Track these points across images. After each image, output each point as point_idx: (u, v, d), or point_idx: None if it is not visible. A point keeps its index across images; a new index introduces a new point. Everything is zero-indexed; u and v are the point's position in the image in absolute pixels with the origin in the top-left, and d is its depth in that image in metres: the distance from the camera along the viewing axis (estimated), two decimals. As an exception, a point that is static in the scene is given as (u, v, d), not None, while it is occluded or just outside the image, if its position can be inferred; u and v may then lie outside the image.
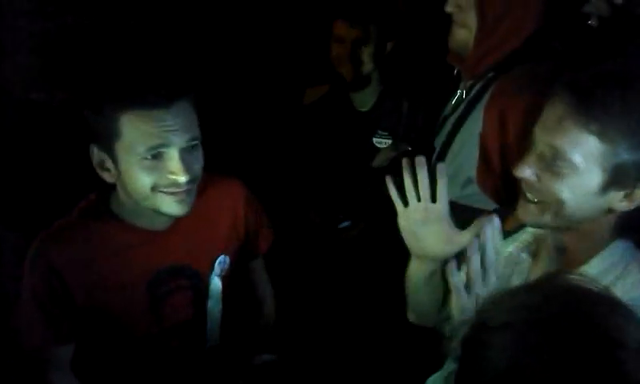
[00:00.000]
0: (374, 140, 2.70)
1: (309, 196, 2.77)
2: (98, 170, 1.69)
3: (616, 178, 1.31)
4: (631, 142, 1.29)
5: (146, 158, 1.60)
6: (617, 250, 1.41)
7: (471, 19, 1.98)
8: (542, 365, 0.98)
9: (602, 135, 1.28)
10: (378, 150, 2.69)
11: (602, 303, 1.06)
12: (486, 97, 1.97)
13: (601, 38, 2.09)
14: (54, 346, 1.80)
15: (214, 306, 1.88)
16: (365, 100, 2.72)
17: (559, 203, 1.35)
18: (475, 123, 1.97)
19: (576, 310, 1.03)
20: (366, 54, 2.61)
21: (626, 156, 1.29)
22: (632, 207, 1.34)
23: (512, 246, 1.54)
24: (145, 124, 1.58)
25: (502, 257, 1.51)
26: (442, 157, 2.09)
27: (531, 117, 1.48)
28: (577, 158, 1.30)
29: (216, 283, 1.86)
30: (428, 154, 2.16)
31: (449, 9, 2.02)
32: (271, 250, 2.07)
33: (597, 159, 1.30)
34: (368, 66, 2.63)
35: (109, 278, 1.74)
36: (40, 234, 1.77)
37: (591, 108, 1.28)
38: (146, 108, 1.57)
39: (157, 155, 1.60)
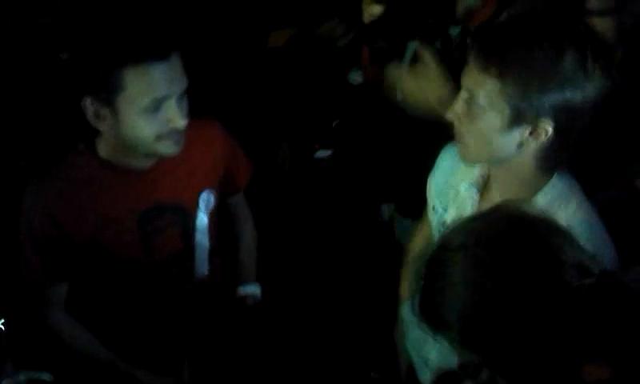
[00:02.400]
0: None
1: (282, 128, 2.84)
2: (93, 121, 1.76)
3: (517, 117, 1.44)
4: (525, 86, 1.41)
5: (148, 110, 1.69)
6: (556, 186, 1.55)
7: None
8: (492, 280, 1.13)
9: (499, 78, 1.42)
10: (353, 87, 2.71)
11: (541, 224, 1.20)
12: None
13: None
14: (49, 284, 1.91)
15: (201, 240, 1.98)
16: None
17: (473, 142, 1.51)
18: None
19: (519, 230, 1.18)
20: None
21: (522, 98, 1.42)
22: (541, 142, 1.47)
23: (466, 182, 1.67)
24: (148, 77, 1.67)
25: (460, 195, 1.67)
26: None
27: None
28: (481, 97, 1.45)
29: (202, 218, 1.96)
30: None
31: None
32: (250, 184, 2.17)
33: (497, 100, 1.43)
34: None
35: (100, 218, 1.84)
36: (33, 179, 1.86)
37: (490, 53, 1.43)
38: (147, 62, 1.66)
39: (158, 106, 1.70)
